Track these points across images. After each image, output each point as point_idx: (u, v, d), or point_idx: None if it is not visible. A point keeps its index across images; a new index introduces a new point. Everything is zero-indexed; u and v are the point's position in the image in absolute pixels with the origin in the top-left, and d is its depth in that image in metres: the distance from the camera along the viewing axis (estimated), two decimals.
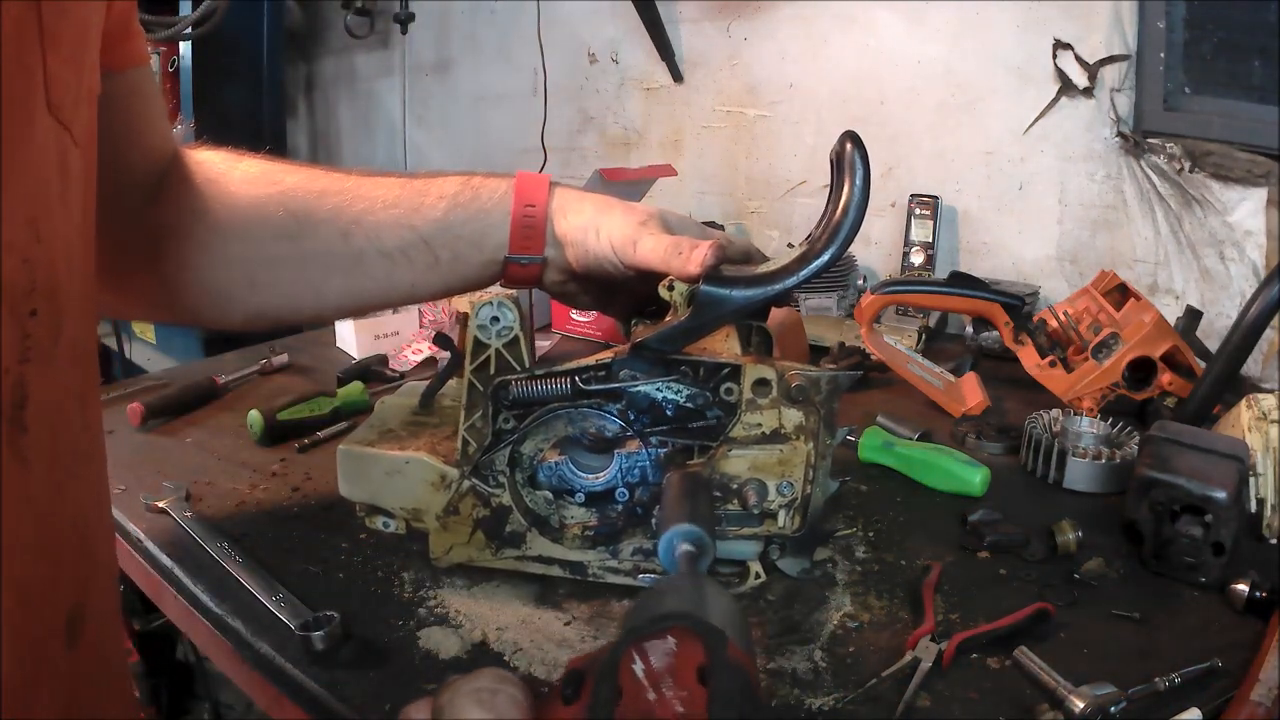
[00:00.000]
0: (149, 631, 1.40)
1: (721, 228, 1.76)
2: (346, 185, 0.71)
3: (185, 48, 2.10)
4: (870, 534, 0.80)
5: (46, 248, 0.40)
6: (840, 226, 0.62)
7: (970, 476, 0.86)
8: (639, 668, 0.34)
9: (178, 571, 0.73)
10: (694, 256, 0.64)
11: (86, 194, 0.46)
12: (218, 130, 2.20)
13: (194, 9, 1.80)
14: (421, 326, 1.35)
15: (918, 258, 1.55)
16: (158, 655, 1.43)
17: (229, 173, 0.72)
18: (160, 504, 0.81)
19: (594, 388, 0.66)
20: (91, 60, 0.46)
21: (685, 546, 0.51)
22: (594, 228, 0.69)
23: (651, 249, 0.67)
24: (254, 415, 0.97)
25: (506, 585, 0.70)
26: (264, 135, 2.30)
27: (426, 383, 0.79)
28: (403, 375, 1.21)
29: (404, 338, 1.32)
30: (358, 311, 0.78)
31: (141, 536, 0.78)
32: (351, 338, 1.31)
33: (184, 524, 0.78)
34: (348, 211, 0.69)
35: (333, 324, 0.78)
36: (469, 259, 0.71)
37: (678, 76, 1.90)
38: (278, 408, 0.98)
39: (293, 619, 0.64)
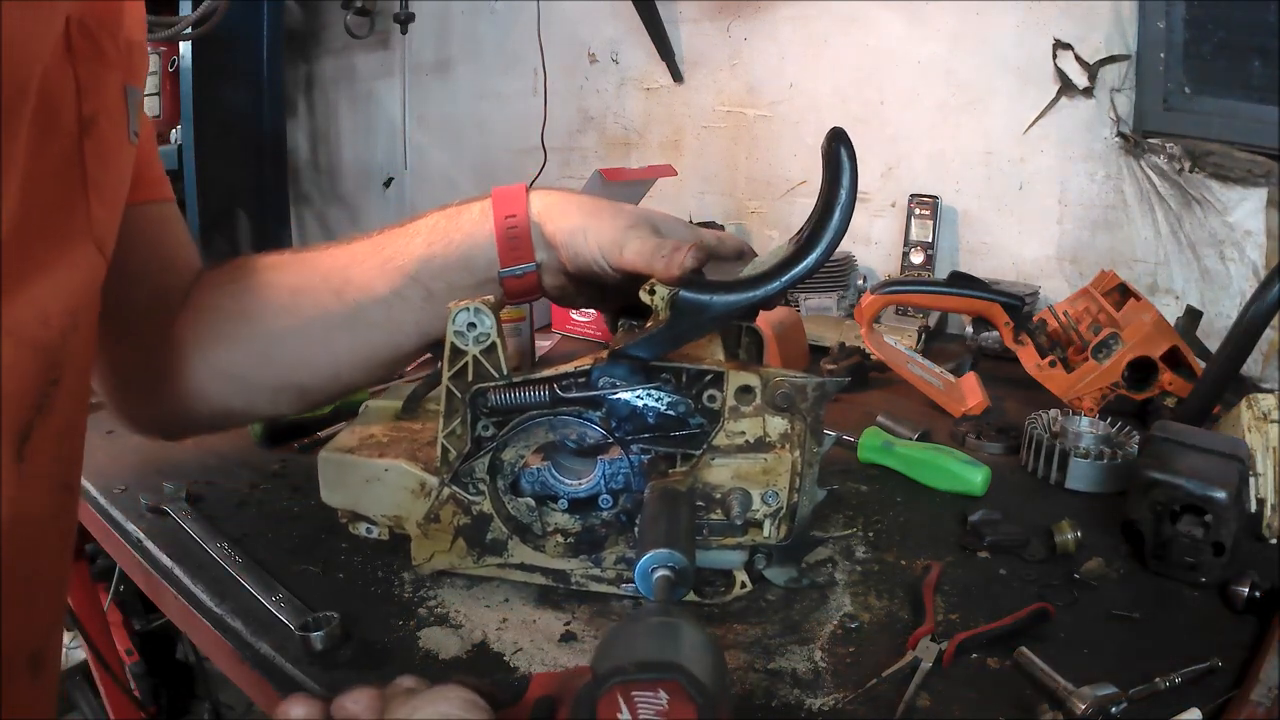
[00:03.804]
0: (149, 631, 1.40)
1: (721, 228, 1.77)
2: (336, 251, 0.73)
3: (185, 48, 2.09)
4: (870, 534, 0.80)
5: (78, 336, 0.50)
6: (825, 229, 0.61)
7: (971, 476, 0.86)
8: (624, 715, 0.33)
9: (178, 571, 0.73)
10: (674, 259, 0.64)
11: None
12: (218, 130, 2.22)
13: (194, 9, 1.80)
14: None
15: (917, 258, 1.55)
16: (158, 655, 1.44)
17: (241, 268, 0.75)
18: (160, 504, 0.81)
19: (573, 395, 0.65)
20: (124, 198, 0.57)
21: (663, 572, 0.50)
22: (582, 230, 0.69)
23: (636, 252, 0.66)
24: None
25: (506, 585, 0.70)
26: (264, 135, 2.30)
27: (414, 386, 0.79)
28: (402, 376, 1.21)
29: None
30: (376, 367, 0.75)
31: (141, 536, 0.78)
32: None
33: (184, 524, 0.78)
34: (338, 273, 0.71)
35: (359, 388, 0.77)
36: (462, 284, 0.70)
37: (678, 76, 1.90)
38: None
39: (293, 619, 0.64)
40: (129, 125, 0.56)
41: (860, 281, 1.56)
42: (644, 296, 0.66)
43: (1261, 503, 0.79)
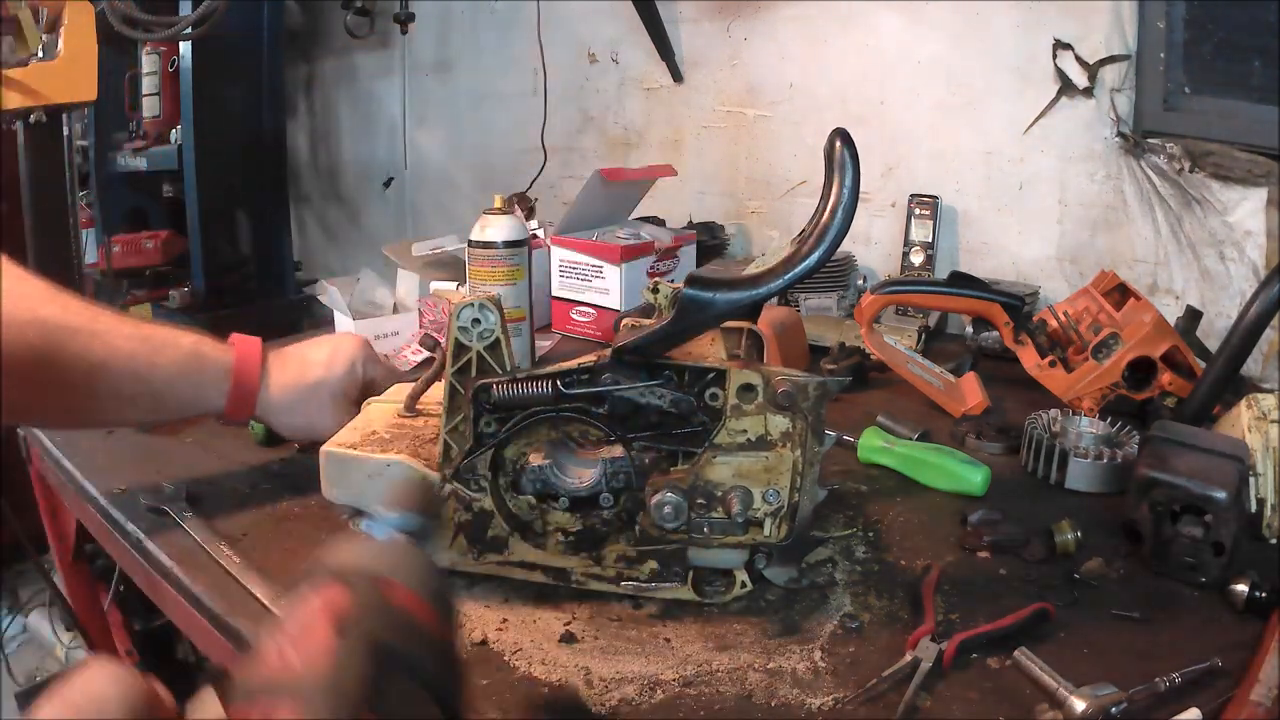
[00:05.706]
0: (149, 631, 1.40)
1: (721, 228, 1.77)
2: (97, 326, 0.75)
3: (185, 48, 2.10)
4: (870, 534, 0.80)
5: None
6: (828, 228, 0.61)
7: (971, 476, 0.86)
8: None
9: (178, 571, 0.73)
10: None
11: None
12: (218, 130, 2.22)
13: (194, 9, 1.80)
14: (421, 327, 1.35)
15: (918, 258, 1.55)
16: (158, 655, 1.43)
17: None
18: (160, 504, 0.81)
19: (576, 391, 0.65)
20: None
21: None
22: (307, 428, 0.84)
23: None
24: None
25: (507, 585, 0.70)
26: (264, 135, 2.30)
27: (415, 384, 0.79)
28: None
29: (403, 338, 1.32)
30: (91, 425, 0.93)
31: (141, 536, 0.78)
32: None
33: (184, 524, 0.78)
34: (93, 354, 0.74)
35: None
36: (192, 407, 0.82)
37: (678, 76, 1.90)
38: None
39: None
40: None
41: (860, 281, 1.56)
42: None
43: (1261, 503, 0.79)
